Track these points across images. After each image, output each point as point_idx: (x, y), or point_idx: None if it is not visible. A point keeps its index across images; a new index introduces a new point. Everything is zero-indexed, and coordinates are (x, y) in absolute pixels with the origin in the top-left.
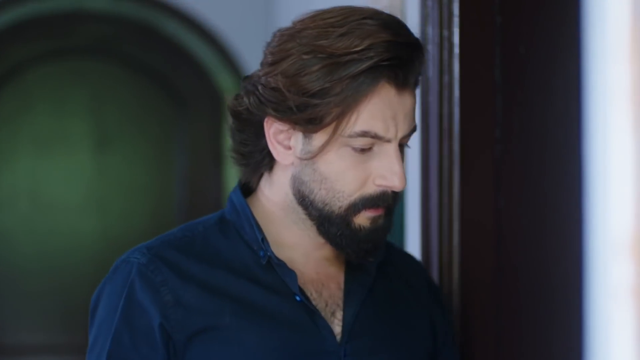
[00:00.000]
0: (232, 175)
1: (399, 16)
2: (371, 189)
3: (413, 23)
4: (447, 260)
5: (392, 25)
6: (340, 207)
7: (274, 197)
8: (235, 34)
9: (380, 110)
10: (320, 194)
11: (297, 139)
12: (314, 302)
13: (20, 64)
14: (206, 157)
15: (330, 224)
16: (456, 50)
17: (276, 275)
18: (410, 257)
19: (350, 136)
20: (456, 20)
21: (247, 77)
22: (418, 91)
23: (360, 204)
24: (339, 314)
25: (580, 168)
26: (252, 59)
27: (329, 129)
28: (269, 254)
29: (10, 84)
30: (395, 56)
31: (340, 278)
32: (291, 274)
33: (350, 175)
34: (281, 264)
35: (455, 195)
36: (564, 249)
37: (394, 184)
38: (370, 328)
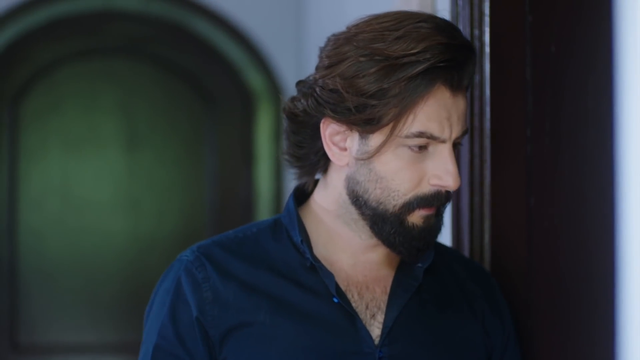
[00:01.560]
0: (263, 174)
1: None
2: (426, 188)
3: None
4: (479, 259)
5: (447, 28)
6: (394, 206)
7: (327, 199)
8: (265, 34)
9: (436, 112)
10: (375, 193)
11: (353, 140)
12: (354, 305)
13: (51, 62)
14: (236, 156)
15: (384, 223)
16: (487, 49)
17: (319, 277)
18: (471, 264)
19: (407, 137)
20: (487, 20)
21: (302, 81)
22: None
23: (415, 203)
24: (380, 317)
25: (612, 166)
26: (282, 58)
27: (386, 130)
28: (307, 255)
29: (42, 82)
30: (451, 58)
31: (388, 282)
32: (329, 275)
33: (406, 175)
34: (320, 266)
35: (486, 194)
36: (595, 247)
37: (449, 183)
38: (411, 332)
